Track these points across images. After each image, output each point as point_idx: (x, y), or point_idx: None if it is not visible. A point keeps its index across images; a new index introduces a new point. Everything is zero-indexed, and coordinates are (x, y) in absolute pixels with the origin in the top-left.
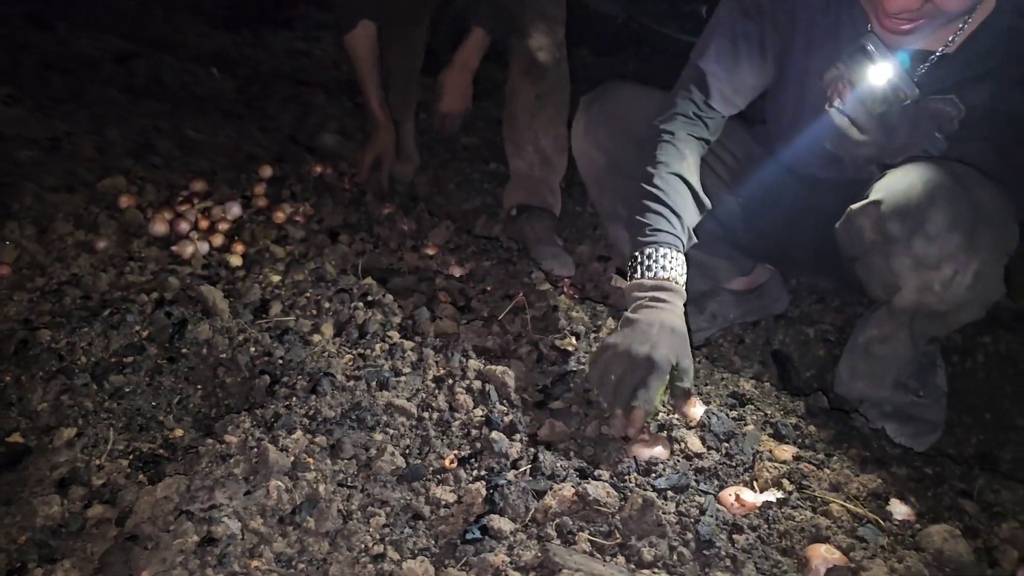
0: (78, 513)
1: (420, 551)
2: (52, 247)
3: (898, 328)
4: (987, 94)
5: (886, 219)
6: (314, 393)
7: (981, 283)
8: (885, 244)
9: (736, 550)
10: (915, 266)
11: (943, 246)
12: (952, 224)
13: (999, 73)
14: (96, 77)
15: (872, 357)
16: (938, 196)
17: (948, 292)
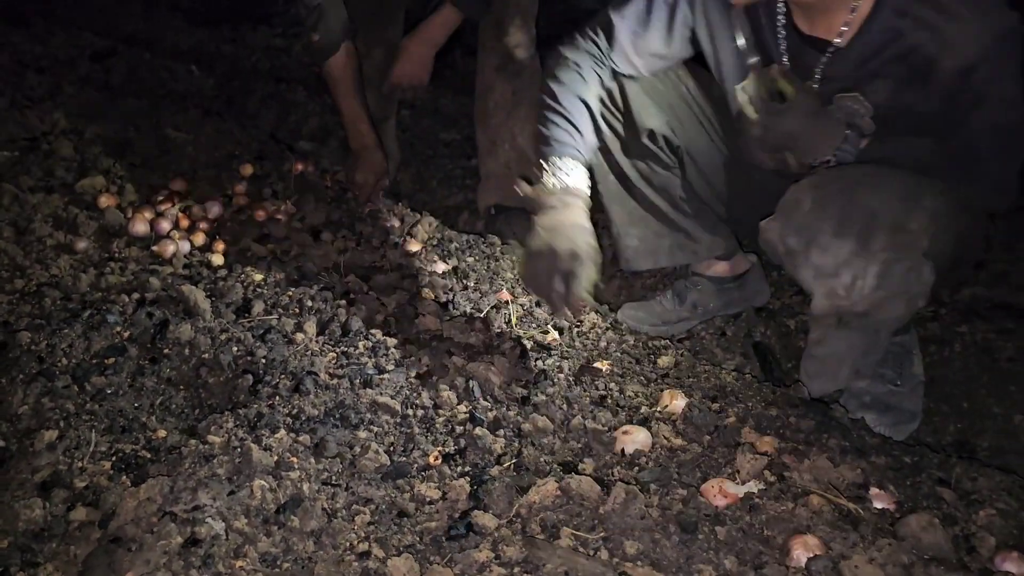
0: (61, 516)
1: (405, 548)
2: (31, 248)
3: (827, 329)
4: (885, 93)
5: (785, 233)
6: (297, 392)
7: (889, 281)
8: (790, 256)
9: (718, 541)
10: (816, 275)
11: (837, 254)
12: (842, 232)
13: (891, 72)
14: (73, 75)
15: (814, 359)
16: (828, 206)
17: (855, 295)
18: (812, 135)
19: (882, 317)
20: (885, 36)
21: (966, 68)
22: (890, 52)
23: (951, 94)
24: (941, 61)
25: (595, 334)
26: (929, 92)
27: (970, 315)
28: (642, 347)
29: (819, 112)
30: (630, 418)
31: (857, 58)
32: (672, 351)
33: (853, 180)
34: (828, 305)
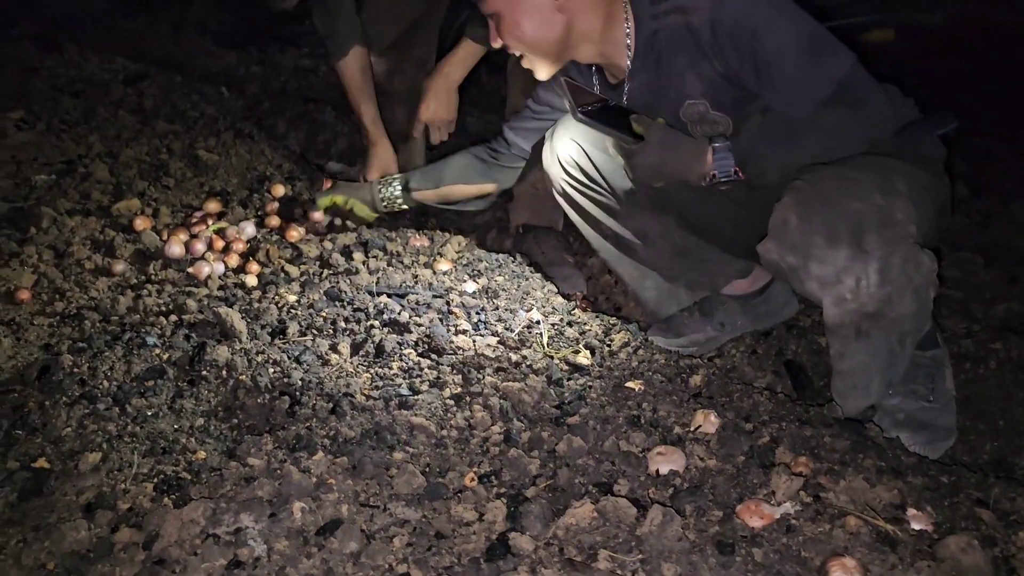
0: (105, 537)
1: (444, 570)
2: (70, 271)
3: (847, 341)
4: (698, 83)
5: (782, 253)
6: (334, 414)
7: (891, 276)
8: (792, 274)
9: (756, 564)
10: (821, 286)
11: (835, 262)
12: (833, 241)
13: (680, 64)
14: (107, 99)
15: (841, 374)
16: (813, 218)
17: (862, 295)
18: (674, 160)
19: (895, 314)
20: (653, 39)
21: (711, 19)
22: (666, 49)
23: (724, 46)
24: (693, 26)
25: (626, 353)
26: (711, 55)
27: (1004, 331)
28: (673, 366)
29: (671, 139)
30: (663, 438)
31: (646, 68)
32: (703, 370)
33: (831, 186)
34: (840, 313)
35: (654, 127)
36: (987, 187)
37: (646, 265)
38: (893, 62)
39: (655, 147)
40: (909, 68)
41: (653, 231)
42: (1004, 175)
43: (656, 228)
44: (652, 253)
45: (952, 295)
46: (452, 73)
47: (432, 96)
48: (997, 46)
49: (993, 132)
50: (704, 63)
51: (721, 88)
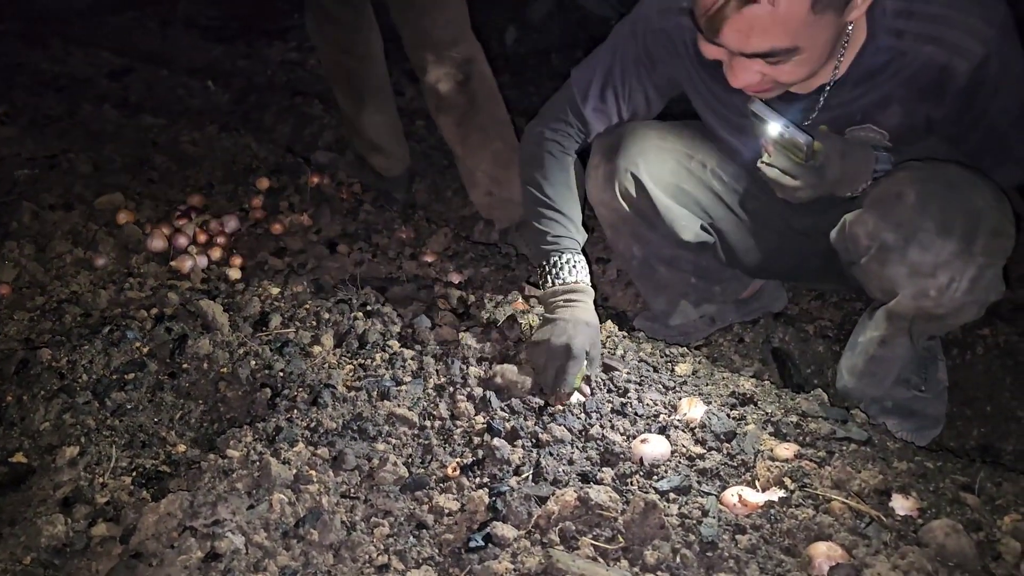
0: (82, 532)
1: (424, 560)
2: (51, 265)
3: (897, 331)
4: (898, 117)
5: (880, 228)
6: (315, 405)
7: (979, 287)
8: (880, 252)
9: (739, 551)
10: (911, 274)
11: (938, 254)
12: (946, 231)
13: (898, 95)
14: (91, 94)
15: (873, 359)
16: (931, 202)
17: (945, 298)
18: (851, 171)
19: (952, 322)
20: (885, 56)
21: (979, 65)
22: (895, 73)
23: (968, 95)
24: (953, 67)
25: (612, 342)
26: (946, 101)
27: (992, 318)
28: (660, 355)
29: (848, 149)
30: (648, 427)
31: (855, 81)
32: (690, 358)
33: (955, 178)
34: (913, 306)
35: (830, 139)
36: None
37: (663, 285)
38: None
39: (837, 159)
40: None
41: (684, 259)
42: None
43: (688, 257)
44: (674, 276)
45: None
46: None
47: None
48: None
49: None
50: (925, 104)
51: (916, 130)
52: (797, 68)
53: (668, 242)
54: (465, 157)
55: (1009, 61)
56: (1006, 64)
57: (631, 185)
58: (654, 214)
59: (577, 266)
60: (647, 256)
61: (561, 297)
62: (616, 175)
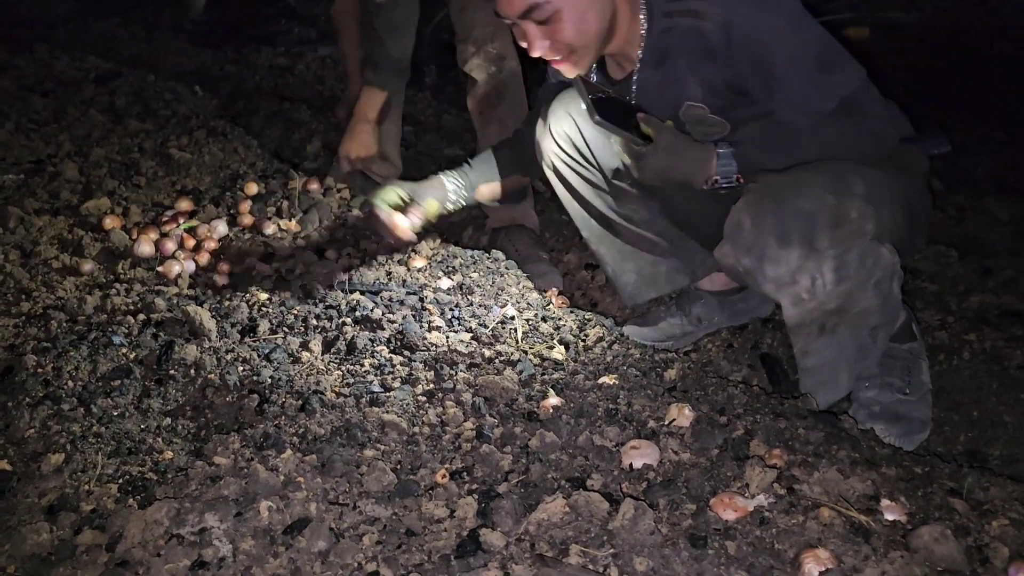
0: (68, 539)
1: (414, 567)
2: (37, 271)
3: (810, 339)
4: (700, 88)
5: (738, 255)
6: (303, 411)
7: (848, 273)
8: (748, 276)
9: (729, 556)
10: (778, 287)
11: (789, 262)
12: (785, 242)
13: (685, 67)
14: (77, 98)
15: (807, 371)
16: (764, 221)
17: (819, 294)
18: (681, 165)
19: (858, 309)
20: (665, 38)
21: (723, 25)
22: (674, 49)
23: (735, 54)
24: (705, 31)
25: (601, 348)
26: (720, 62)
27: (978, 323)
28: (648, 360)
29: (678, 144)
30: (637, 432)
31: (654, 63)
32: (678, 364)
33: (783, 188)
34: (800, 312)
35: (664, 131)
36: (961, 182)
37: (629, 245)
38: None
39: (664, 151)
40: (883, 65)
41: (639, 216)
42: (977, 170)
43: (642, 214)
44: (636, 235)
45: (927, 288)
46: (363, 115)
47: (350, 137)
48: (970, 44)
49: (966, 128)
50: (709, 68)
51: (721, 94)
52: (570, 28)
53: (615, 190)
54: (481, 143)
55: (759, 17)
56: (755, 20)
57: (567, 123)
58: (588, 148)
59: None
60: (601, 212)
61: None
62: (551, 119)
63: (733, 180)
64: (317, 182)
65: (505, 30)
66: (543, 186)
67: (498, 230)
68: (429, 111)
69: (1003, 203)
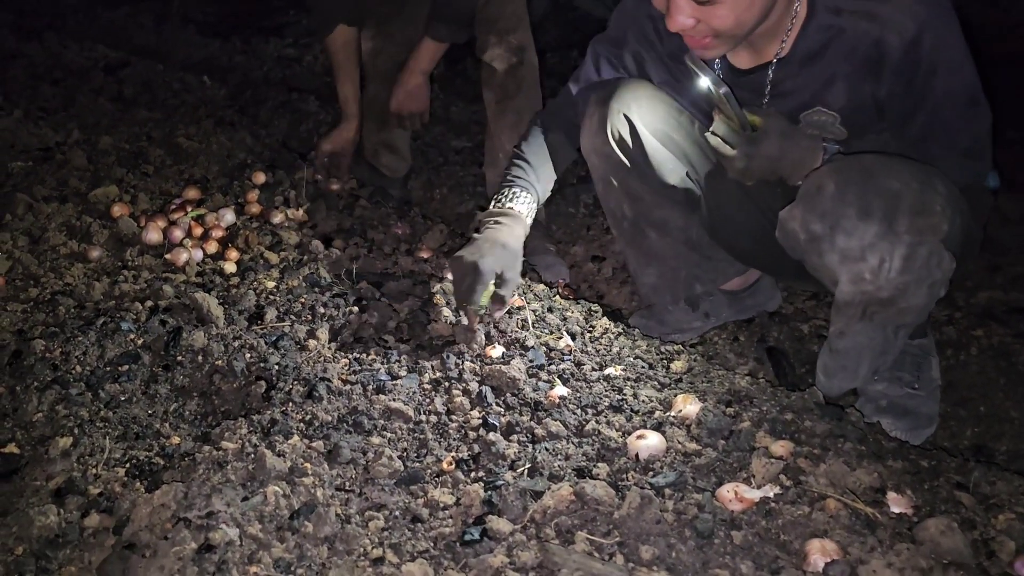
0: (75, 522)
1: (419, 554)
2: (45, 257)
3: (851, 321)
4: (845, 94)
5: (808, 220)
6: (310, 398)
7: (914, 265)
8: (813, 243)
9: (734, 546)
10: (843, 260)
11: (863, 237)
12: (866, 214)
13: (844, 71)
14: (86, 87)
15: (836, 353)
16: (848, 190)
17: (880, 279)
18: (792, 155)
19: (905, 305)
20: (826, 35)
21: (911, 41)
22: (835, 50)
23: (905, 72)
24: (887, 42)
25: (608, 340)
26: (885, 77)
27: (986, 319)
28: (655, 352)
29: (791, 132)
30: (644, 423)
31: (801, 61)
32: (685, 356)
33: (871, 164)
34: (854, 291)
35: (775, 118)
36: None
37: (653, 253)
38: None
39: (776, 136)
40: None
41: (674, 223)
42: None
43: (678, 221)
44: (664, 243)
45: None
46: (417, 66)
47: (401, 89)
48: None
49: None
50: (867, 82)
51: (864, 109)
52: (728, 14)
53: (658, 199)
54: (495, 134)
55: (944, 40)
56: (941, 43)
57: (623, 127)
58: (642, 157)
59: (519, 196)
60: (637, 216)
61: (491, 219)
62: (609, 117)
63: None
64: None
65: (527, 22)
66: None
67: None
68: (437, 103)
69: (1012, 200)
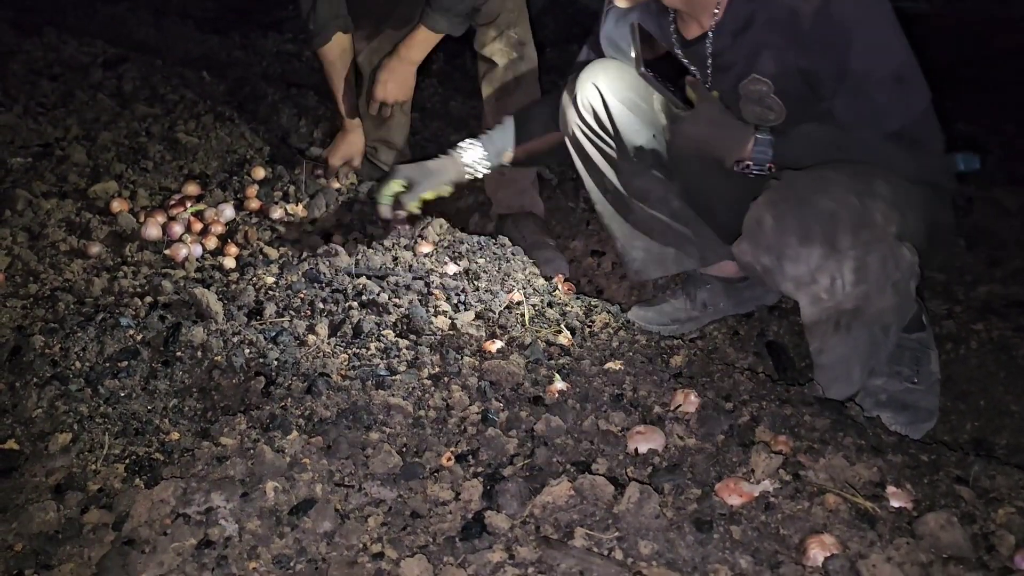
0: (75, 518)
1: (419, 549)
2: (45, 253)
3: (825, 337)
4: (772, 63)
5: (757, 255)
6: (310, 394)
7: (868, 274)
8: (768, 275)
9: (734, 541)
10: (796, 286)
11: (808, 261)
12: (807, 240)
13: (769, 39)
14: (85, 83)
15: (823, 368)
16: (786, 219)
17: (838, 294)
18: (717, 141)
19: (875, 310)
20: (751, 5)
21: (818, 11)
22: (760, 20)
23: (819, 43)
24: (799, 11)
25: (607, 334)
26: (804, 48)
27: (986, 313)
28: (654, 347)
29: (721, 120)
30: (643, 418)
31: (732, 32)
32: (685, 350)
33: (805, 187)
34: (817, 311)
35: (707, 101)
36: (969, 173)
37: (640, 227)
38: None
39: (703, 121)
40: None
41: (654, 194)
42: (986, 161)
43: (658, 191)
44: (648, 216)
45: (935, 277)
46: (408, 55)
47: (388, 76)
48: (981, 35)
49: (976, 120)
50: (790, 50)
51: (793, 81)
52: None
53: (634, 167)
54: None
55: (857, 13)
56: (853, 15)
57: (592, 94)
58: (610, 121)
59: (467, 148)
60: (618, 187)
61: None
62: (579, 88)
63: (765, 168)
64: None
65: (527, 17)
66: (550, 172)
67: (504, 216)
68: (436, 98)
69: (1012, 194)
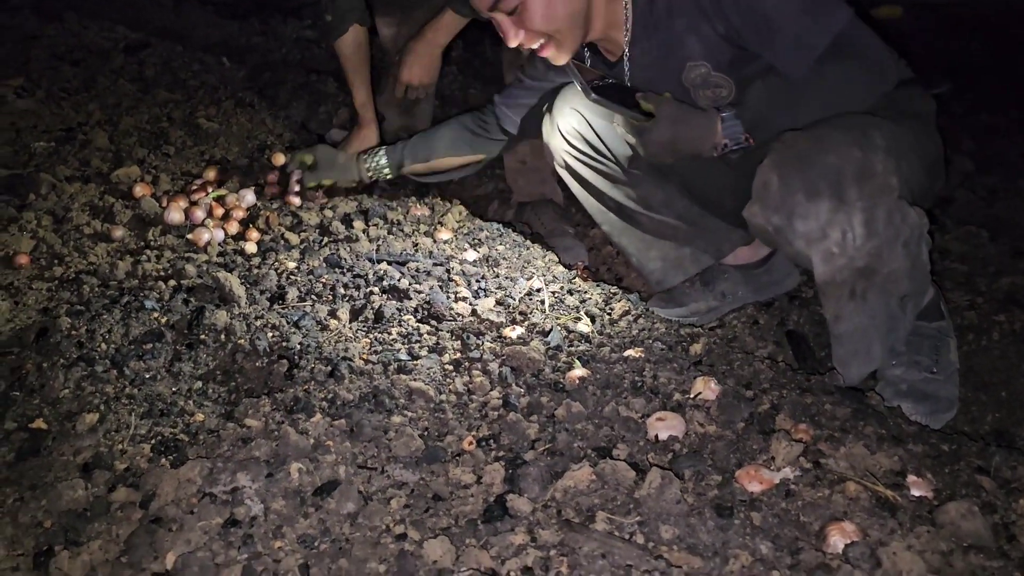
0: (103, 496)
1: (441, 531)
2: (69, 237)
3: (840, 302)
4: (697, 46)
5: (767, 216)
6: (332, 377)
7: (877, 227)
8: (778, 235)
9: (754, 527)
10: (808, 243)
11: (818, 216)
12: (815, 195)
13: (681, 27)
14: (107, 68)
15: (840, 339)
16: (792, 178)
17: (850, 249)
18: (686, 134)
19: (887, 270)
20: (652, 5)
21: None
22: (665, 13)
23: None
24: None
25: (627, 322)
26: (714, 14)
27: (1008, 304)
28: (674, 335)
29: (682, 114)
30: (663, 404)
31: (648, 34)
32: (704, 339)
33: (807, 145)
34: (830, 270)
35: (663, 103)
36: (993, 163)
37: (651, 234)
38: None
39: (666, 123)
40: (916, 46)
41: (656, 199)
42: (1011, 152)
43: (659, 196)
44: (656, 221)
45: (957, 268)
46: (435, 38)
47: (415, 59)
48: (1006, 24)
49: (1000, 110)
50: (704, 24)
51: (721, 49)
52: (537, 16)
53: (630, 176)
54: None
55: None
56: None
57: (572, 118)
58: (597, 139)
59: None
60: (621, 200)
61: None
62: (557, 117)
63: (742, 140)
64: None
65: None
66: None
67: (524, 204)
68: (455, 85)
69: None
